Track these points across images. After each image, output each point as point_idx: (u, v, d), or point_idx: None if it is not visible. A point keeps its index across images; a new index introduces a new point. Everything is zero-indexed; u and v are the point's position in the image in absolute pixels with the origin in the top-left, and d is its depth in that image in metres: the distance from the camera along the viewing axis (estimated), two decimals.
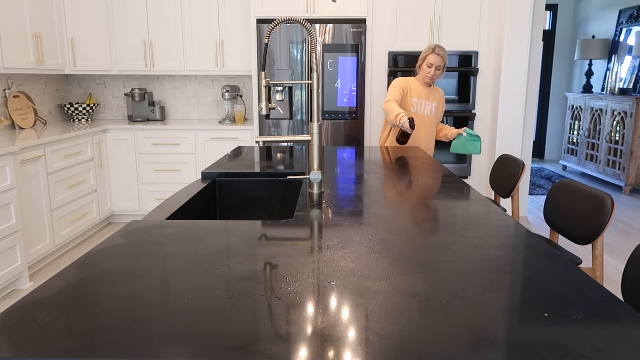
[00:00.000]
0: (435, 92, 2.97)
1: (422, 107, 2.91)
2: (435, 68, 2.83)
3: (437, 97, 2.96)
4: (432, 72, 2.84)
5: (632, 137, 5.29)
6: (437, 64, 2.82)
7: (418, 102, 2.91)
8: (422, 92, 2.93)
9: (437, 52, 2.81)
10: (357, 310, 0.87)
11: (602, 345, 0.76)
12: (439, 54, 2.81)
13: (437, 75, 2.87)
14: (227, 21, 4.25)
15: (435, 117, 2.97)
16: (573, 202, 1.81)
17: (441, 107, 3.00)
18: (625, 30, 6.10)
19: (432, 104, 2.93)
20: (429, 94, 2.93)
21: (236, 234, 1.31)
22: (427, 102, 2.91)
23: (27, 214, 3.13)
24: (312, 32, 1.64)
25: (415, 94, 2.91)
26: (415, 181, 1.98)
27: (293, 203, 2.10)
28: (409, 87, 2.90)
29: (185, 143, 4.16)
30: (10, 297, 2.94)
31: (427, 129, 2.96)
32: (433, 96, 2.94)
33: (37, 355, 0.73)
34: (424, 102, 2.91)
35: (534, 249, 1.19)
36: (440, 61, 2.82)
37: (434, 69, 2.83)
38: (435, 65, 2.82)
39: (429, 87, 2.94)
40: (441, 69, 2.86)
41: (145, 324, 0.82)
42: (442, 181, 1.98)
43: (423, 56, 2.87)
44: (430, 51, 2.83)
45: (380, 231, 1.33)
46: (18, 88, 3.95)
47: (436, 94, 2.97)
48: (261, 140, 1.80)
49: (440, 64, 2.83)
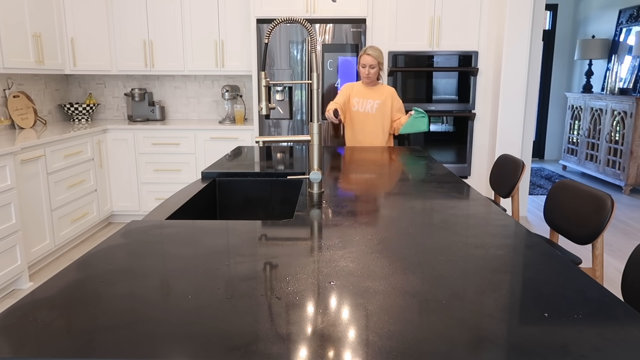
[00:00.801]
0: (380, 91, 3.07)
1: (363, 106, 3.05)
2: (369, 67, 2.96)
3: (381, 95, 3.05)
4: (367, 71, 2.97)
5: (632, 137, 5.29)
6: (370, 63, 2.95)
7: (359, 101, 3.05)
8: (363, 92, 3.07)
9: (367, 52, 2.94)
10: (357, 310, 0.87)
11: (602, 345, 0.76)
12: (369, 54, 2.94)
13: (373, 74, 2.99)
14: (227, 21, 4.25)
15: (380, 113, 3.05)
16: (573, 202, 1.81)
17: (388, 104, 3.05)
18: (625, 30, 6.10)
19: (375, 101, 3.04)
20: (371, 92, 3.06)
21: (236, 234, 1.31)
22: (369, 100, 3.04)
23: (27, 214, 3.13)
24: (312, 32, 1.64)
25: (356, 94, 3.07)
26: (416, 181, 1.98)
27: (293, 203, 2.10)
28: (353, 90, 3.08)
29: (185, 143, 4.16)
30: (10, 297, 2.94)
31: (370, 126, 3.07)
32: (377, 94, 3.05)
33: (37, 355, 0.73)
34: (365, 101, 3.04)
35: (534, 249, 1.19)
36: (372, 60, 2.94)
37: (367, 68, 2.96)
38: (368, 65, 2.95)
39: (371, 87, 3.07)
40: (375, 67, 2.97)
41: (145, 324, 0.82)
42: (442, 181, 1.98)
43: (359, 58, 3.03)
44: (363, 52, 2.97)
45: (380, 231, 1.33)
46: (18, 88, 3.95)
47: (381, 92, 3.06)
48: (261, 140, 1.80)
49: (372, 63, 2.95)
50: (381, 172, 2.18)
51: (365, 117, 3.06)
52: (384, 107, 3.05)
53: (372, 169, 2.24)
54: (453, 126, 4.17)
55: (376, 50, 2.96)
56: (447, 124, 4.16)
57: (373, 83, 3.07)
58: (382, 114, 3.06)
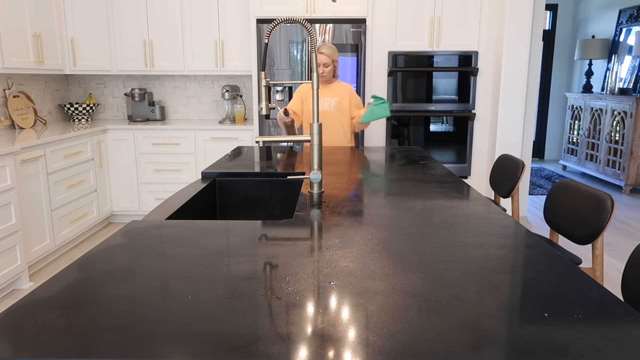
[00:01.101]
0: (337, 88, 3.03)
1: (321, 104, 3.01)
2: (324, 66, 2.94)
3: (338, 92, 3.02)
4: (322, 70, 2.95)
5: (632, 137, 5.29)
6: (324, 62, 2.93)
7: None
8: (320, 91, 3.02)
9: (321, 51, 2.92)
10: (357, 310, 0.87)
11: (602, 345, 0.76)
12: (323, 53, 2.91)
13: (328, 72, 2.96)
14: (227, 21, 4.25)
15: (338, 111, 3.01)
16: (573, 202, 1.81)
17: (346, 101, 3.03)
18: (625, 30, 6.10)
19: (332, 99, 3.00)
20: (327, 91, 3.02)
21: (236, 234, 1.31)
22: (326, 98, 3.01)
23: (27, 214, 3.13)
24: (312, 32, 1.64)
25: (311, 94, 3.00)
26: (416, 181, 1.98)
27: (293, 203, 2.10)
28: (306, 90, 3.05)
29: (185, 143, 4.16)
30: (10, 297, 2.94)
31: (329, 125, 3.04)
32: (334, 92, 3.02)
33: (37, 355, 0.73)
34: (322, 99, 3.01)
35: (534, 249, 1.19)
36: (326, 59, 2.92)
37: (322, 66, 2.94)
38: (322, 64, 2.93)
39: (327, 85, 3.04)
40: (330, 66, 2.95)
41: (145, 324, 0.82)
42: (442, 181, 1.98)
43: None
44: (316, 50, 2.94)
45: (380, 231, 1.33)
46: (18, 88, 3.95)
47: (338, 90, 3.03)
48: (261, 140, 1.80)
49: (326, 62, 2.93)
50: (381, 172, 2.18)
51: (323, 115, 3.03)
52: (343, 105, 3.02)
53: (372, 169, 2.24)
54: (453, 126, 4.17)
55: (330, 49, 2.93)
56: (447, 124, 4.16)
57: (329, 81, 3.03)
58: (341, 111, 3.02)
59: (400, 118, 4.14)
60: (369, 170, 2.22)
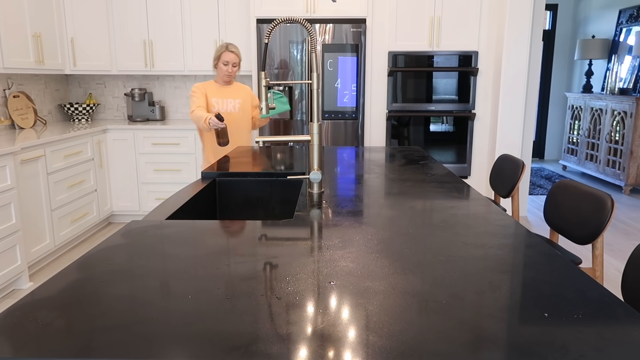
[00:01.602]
0: (239, 89, 2.97)
1: (224, 106, 2.91)
2: (232, 65, 2.86)
3: (241, 93, 2.96)
4: (230, 69, 2.86)
5: (632, 137, 5.29)
6: (233, 61, 2.86)
7: (218, 101, 2.90)
8: (222, 91, 2.93)
9: (230, 49, 2.84)
10: (357, 310, 0.87)
11: (602, 345, 0.76)
12: (232, 51, 2.84)
13: (234, 72, 2.90)
14: (227, 21, 4.25)
15: (242, 113, 2.95)
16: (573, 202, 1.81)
17: (249, 103, 2.99)
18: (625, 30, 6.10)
19: (236, 100, 2.93)
20: (229, 92, 2.94)
21: (236, 234, 1.31)
22: (230, 99, 2.92)
23: (27, 214, 3.13)
24: (312, 32, 1.64)
25: (214, 94, 2.91)
26: (415, 181, 1.98)
27: (293, 203, 2.10)
28: (207, 90, 2.90)
29: (185, 143, 4.16)
30: (10, 297, 2.94)
31: (235, 127, 2.95)
32: (236, 93, 2.95)
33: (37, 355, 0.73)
34: (226, 101, 2.91)
35: (534, 249, 1.19)
36: (235, 58, 2.85)
37: (230, 66, 2.86)
38: (231, 63, 2.85)
39: (229, 86, 2.96)
40: (237, 65, 2.89)
41: (145, 324, 0.82)
42: (442, 181, 1.98)
43: (217, 55, 2.87)
44: (224, 49, 2.84)
45: (380, 231, 1.33)
46: (18, 88, 3.95)
47: (240, 91, 2.97)
48: (261, 140, 1.80)
49: (235, 61, 2.86)
50: (381, 172, 2.18)
51: (228, 117, 2.92)
52: (245, 106, 2.96)
53: (372, 169, 2.24)
54: (453, 126, 4.17)
55: (237, 48, 2.87)
56: (447, 124, 4.16)
57: (231, 82, 2.96)
58: (245, 113, 2.96)
59: (400, 118, 4.14)
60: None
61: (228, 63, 2.86)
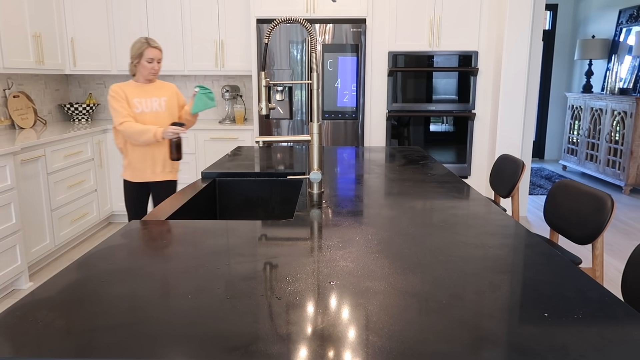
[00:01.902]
0: (163, 87, 2.77)
1: (149, 105, 2.70)
2: (157, 61, 2.68)
3: (166, 91, 2.76)
4: (155, 66, 2.68)
5: (632, 137, 5.29)
6: (157, 57, 2.67)
7: (141, 101, 2.69)
8: (144, 91, 2.71)
9: (152, 45, 2.65)
10: (357, 310, 0.87)
11: (602, 345, 0.76)
12: (155, 47, 2.66)
13: (159, 69, 2.72)
14: (227, 21, 4.25)
15: (169, 112, 2.75)
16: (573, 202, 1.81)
17: (174, 100, 2.80)
18: (625, 30, 6.10)
19: (161, 98, 2.73)
20: (153, 90, 2.73)
21: (236, 234, 1.31)
22: (154, 98, 2.71)
23: (27, 214, 3.13)
24: (312, 32, 1.64)
25: (135, 95, 2.68)
26: (415, 181, 1.98)
27: (293, 203, 2.10)
28: (126, 92, 2.68)
29: (185, 143, 4.16)
30: (10, 297, 2.94)
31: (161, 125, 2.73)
32: (160, 91, 2.75)
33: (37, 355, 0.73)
34: (149, 100, 2.70)
35: (534, 249, 1.19)
36: (159, 53, 2.68)
37: (155, 62, 2.67)
38: (156, 59, 2.67)
39: (151, 84, 2.74)
40: (160, 62, 2.72)
41: (145, 324, 0.82)
42: (442, 181, 1.98)
43: (139, 53, 2.65)
44: (146, 45, 2.63)
45: (380, 231, 1.33)
46: (18, 88, 3.95)
47: (164, 89, 2.77)
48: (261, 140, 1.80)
49: (159, 57, 2.69)
50: (381, 172, 2.18)
51: (155, 117, 2.70)
52: (172, 104, 2.77)
53: (372, 169, 2.24)
54: (453, 126, 4.17)
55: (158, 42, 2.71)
56: (447, 124, 4.16)
57: (154, 80, 2.75)
58: (171, 111, 2.77)
59: (400, 118, 4.14)
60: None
61: (153, 60, 2.65)
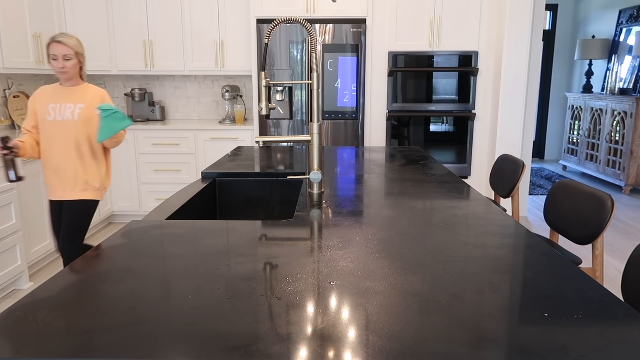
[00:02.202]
0: (85, 92, 2.38)
1: (61, 112, 2.33)
2: (63, 59, 2.28)
3: (86, 98, 2.36)
4: (61, 64, 2.28)
5: (632, 137, 5.29)
6: (63, 54, 2.27)
7: (55, 107, 2.34)
8: (62, 95, 2.36)
9: (58, 39, 2.27)
10: (357, 310, 0.87)
11: (602, 345, 0.76)
12: (59, 41, 2.26)
13: (70, 67, 2.31)
14: (227, 21, 4.25)
15: (83, 121, 2.35)
16: (573, 202, 1.81)
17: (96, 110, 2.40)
18: (625, 30, 6.10)
19: (76, 105, 2.34)
20: (70, 95, 2.36)
21: (236, 234, 1.31)
22: (68, 104, 2.34)
23: (27, 214, 3.13)
24: (312, 32, 1.64)
25: (52, 99, 2.35)
26: (415, 181, 1.98)
27: (293, 203, 2.10)
28: (43, 97, 2.35)
29: (185, 143, 4.16)
30: (10, 297, 2.94)
31: (65, 139, 2.34)
32: (80, 97, 2.36)
33: (37, 355, 0.73)
34: (64, 106, 2.34)
35: (534, 249, 1.19)
36: (65, 49, 2.27)
37: (60, 60, 2.28)
38: (61, 56, 2.27)
39: (71, 87, 2.38)
40: (73, 59, 2.31)
41: (145, 324, 0.82)
42: (442, 181, 1.98)
43: (46, 50, 2.30)
44: (51, 40, 2.28)
45: (380, 231, 1.33)
46: (18, 88, 3.95)
47: (86, 95, 2.37)
48: (261, 140, 1.80)
49: (66, 53, 2.28)
50: (381, 172, 2.18)
51: (64, 127, 2.32)
52: (90, 114, 2.35)
53: (372, 169, 2.24)
54: (453, 126, 4.17)
55: (71, 39, 2.29)
56: (447, 124, 4.16)
57: (73, 81, 2.37)
58: (87, 121, 2.35)
59: (400, 118, 4.14)
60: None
61: (57, 57, 2.28)
